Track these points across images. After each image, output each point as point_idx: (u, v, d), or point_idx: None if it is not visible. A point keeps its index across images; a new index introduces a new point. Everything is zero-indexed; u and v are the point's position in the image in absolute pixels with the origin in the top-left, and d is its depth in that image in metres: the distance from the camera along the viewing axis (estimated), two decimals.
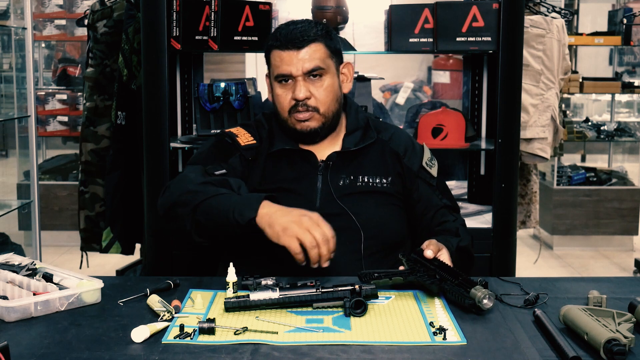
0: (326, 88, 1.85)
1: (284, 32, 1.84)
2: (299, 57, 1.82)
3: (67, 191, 5.10)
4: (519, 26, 2.65)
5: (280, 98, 1.86)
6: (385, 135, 1.97)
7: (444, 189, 2.02)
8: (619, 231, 5.24)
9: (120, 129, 3.07)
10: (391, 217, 1.90)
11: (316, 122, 1.85)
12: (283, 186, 1.87)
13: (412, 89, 5.19)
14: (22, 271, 1.62)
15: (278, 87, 1.87)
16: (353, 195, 1.87)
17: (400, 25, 2.70)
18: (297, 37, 1.82)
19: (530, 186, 3.44)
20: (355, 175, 1.89)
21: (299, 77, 1.82)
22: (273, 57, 1.86)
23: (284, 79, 1.84)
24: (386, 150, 1.94)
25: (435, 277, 1.55)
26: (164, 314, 1.42)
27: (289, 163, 1.90)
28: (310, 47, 1.83)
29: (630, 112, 7.69)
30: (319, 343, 1.32)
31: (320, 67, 1.83)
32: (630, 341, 1.26)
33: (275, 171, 1.90)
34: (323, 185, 1.87)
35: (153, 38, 2.57)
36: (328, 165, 1.89)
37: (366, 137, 1.93)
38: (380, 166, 1.92)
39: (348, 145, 1.90)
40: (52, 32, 5.18)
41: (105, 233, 3.15)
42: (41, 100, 5.05)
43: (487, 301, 1.45)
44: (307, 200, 1.85)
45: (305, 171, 1.89)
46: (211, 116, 2.83)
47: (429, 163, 1.98)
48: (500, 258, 2.67)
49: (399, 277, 1.61)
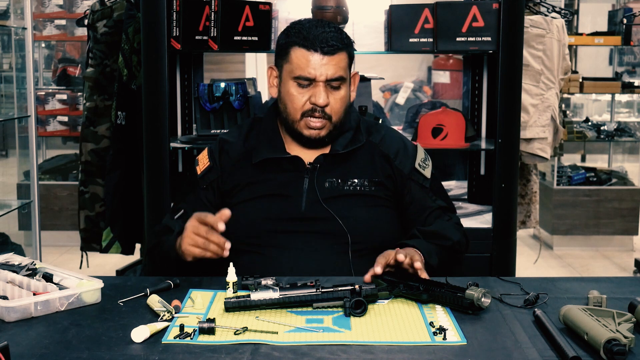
0: (342, 98, 1.82)
1: (314, 33, 1.78)
2: (325, 63, 1.77)
3: (67, 191, 5.09)
4: (519, 26, 2.65)
5: (295, 99, 1.81)
6: (376, 137, 1.93)
7: (439, 189, 1.98)
8: (619, 231, 5.24)
9: (120, 129, 3.07)
10: (380, 220, 1.86)
11: (326, 130, 1.83)
12: (272, 192, 1.84)
13: (412, 89, 5.19)
14: (22, 271, 1.62)
15: (294, 87, 1.81)
16: (340, 198, 1.84)
17: (400, 25, 2.70)
18: (327, 41, 1.77)
19: (530, 186, 3.44)
20: (343, 178, 1.85)
21: (321, 82, 1.78)
22: (296, 55, 1.79)
23: (304, 81, 1.79)
24: (376, 152, 1.90)
25: (420, 288, 1.52)
26: (164, 314, 1.42)
27: (277, 169, 1.87)
28: (338, 56, 1.79)
29: (630, 112, 7.69)
30: (319, 343, 1.32)
31: (343, 77, 1.80)
32: (630, 341, 1.26)
33: (260, 180, 1.86)
34: (309, 188, 1.84)
35: (153, 38, 2.58)
36: (315, 168, 1.86)
37: (355, 140, 1.89)
38: (369, 169, 1.88)
39: (337, 147, 1.87)
40: (52, 32, 5.18)
41: (105, 233, 3.15)
42: (41, 100, 5.05)
43: (485, 299, 1.45)
44: (293, 203, 1.83)
45: (291, 176, 1.86)
46: (211, 116, 2.83)
47: (422, 164, 1.94)
48: (500, 258, 2.67)
49: (384, 292, 1.55)
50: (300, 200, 1.83)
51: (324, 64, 1.77)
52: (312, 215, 1.81)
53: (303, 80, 1.79)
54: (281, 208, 1.83)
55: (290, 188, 1.85)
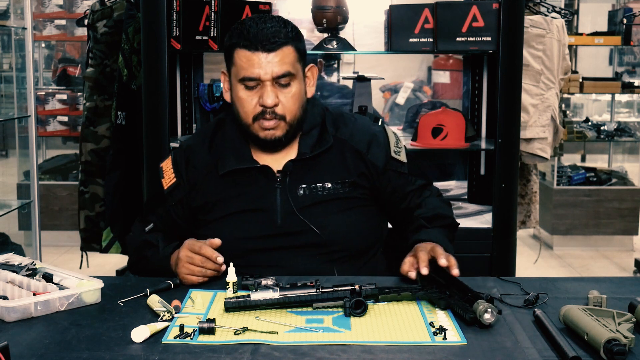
0: (294, 95, 1.73)
1: (252, 31, 1.69)
2: (269, 61, 1.69)
3: (67, 191, 5.09)
4: (519, 26, 2.65)
5: (245, 102, 1.73)
6: (344, 132, 1.83)
7: (415, 168, 1.89)
8: (619, 231, 5.24)
9: (120, 129, 3.07)
10: (358, 223, 1.81)
11: (281, 130, 1.74)
12: (245, 207, 1.78)
13: (412, 89, 5.18)
14: (22, 271, 1.62)
15: (242, 90, 1.73)
16: (314, 205, 1.77)
17: (400, 25, 2.70)
18: (268, 38, 1.69)
19: (530, 186, 3.44)
20: (315, 183, 1.78)
21: (267, 81, 1.70)
22: (238, 57, 1.71)
23: (250, 82, 1.71)
24: (346, 149, 1.81)
25: (446, 293, 1.51)
26: (164, 314, 1.42)
27: (245, 182, 1.79)
28: (282, 51, 1.70)
29: (630, 112, 7.69)
30: (319, 343, 1.32)
31: (291, 73, 1.71)
32: (630, 341, 1.26)
33: (231, 194, 1.79)
34: (282, 199, 1.77)
35: (153, 38, 2.58)
36: (286, 175, 1.78)
37: (322, 140, 1.80)
38: (340, 170, 1.80)
39: (304, 150, 1.78)
40: (52, 32, 5.18)
41: (105, 233, 3.15)
42: (41, 100, 5.05)
43: (488, 316, 1.39)
44: (269, 218, 1.77)
45: (263, 186, 1.79)
46: (211, 116, 2.83)
47: (396, 149, 1.85)
48: (500, 258, 2.67)
49: (407, 293, 1.55)
50: (275, 215, 1.78)
51: (268, 62, 1.68)
52: (289, 229, 1.77)
53: (249, 82, 1.71)
54: (257, 224, 1.78)
55: (263, 201, 1.78)
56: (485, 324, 1.39)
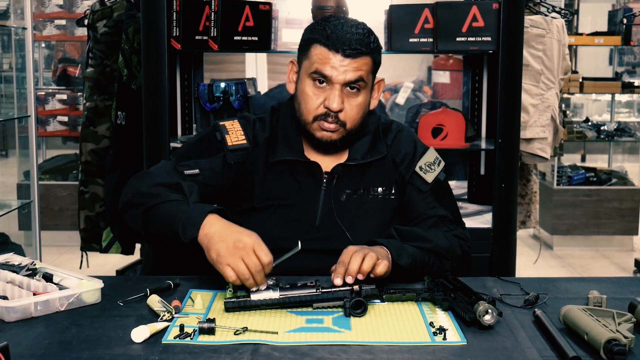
0: (359, 104, 1.72)
1: (338, 34, 1.68)
2: (345, 66, 1.67)
3: (67, 191, 5.10)
4: (519, 26, 2.65)
5: (309, 99, 1.71)
6: (389, 139, 1.84)
7: (443, 198, 1.84)
8: (619, 231, 5.24)
9: (120, 129, 3.07)
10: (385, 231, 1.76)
11: (339, 134, 1.73)
12: (283, 202, 1.76)
13: (412, 89, 5.18)
14: (22, 271, 1.62)
15: (309, 85, 1.71)
16: (353, 211, 1.77)
17: (400, 25, 2.70)
18: (351, 44, 1.67)
19: (530, 186, 3.44)
20: (359, 188, 1.78)
21: (337, 84, 1.68)
22: (315, 52, 1.69)
23: (321, 78, 1.69)
24: (389, 157, 1.82)
25: (451, 296, 1.50)
26: (164, 314, 1.42)
27: (292, 175, 1.77)
28: (361, 60, 1.69)
29: (630, 112, 7.69)
30: (319, 343, 1.32)
31: (363, 81, 1.70)
32: (630, 341, 1.26)
33: (276, 184, 1.77)
34: (325, 201, 1.76)
35: (153, 38, 2.58)
36: (333, 178, 1.77)
37: (374, 150, 1.80)
38: (382, 179, 1.80)
39: (355, 156, 1.78)
40: (52, 32, 5.18)
41: (105, 233, 3.15)
42: (41, 100, 5.05)
43: (488, 317, 1.39)
44: (308, 217, 1.76)
45: (308, 184, 1.77)
46: (211, 116, 2.83)
47: (425, 167, 1.83)
48: (500, 258, 2.67)
49: (412, 294, 1.55)
50: (316, 215, 1.77)
51: (344, 67, 1.67)
52: (325, 232, 1.75)
53: (319, 77, 1.69)
54: (295, 221, 1.75)
55: (305, 199, 1.77)
56: (484, 325, 1.39)
